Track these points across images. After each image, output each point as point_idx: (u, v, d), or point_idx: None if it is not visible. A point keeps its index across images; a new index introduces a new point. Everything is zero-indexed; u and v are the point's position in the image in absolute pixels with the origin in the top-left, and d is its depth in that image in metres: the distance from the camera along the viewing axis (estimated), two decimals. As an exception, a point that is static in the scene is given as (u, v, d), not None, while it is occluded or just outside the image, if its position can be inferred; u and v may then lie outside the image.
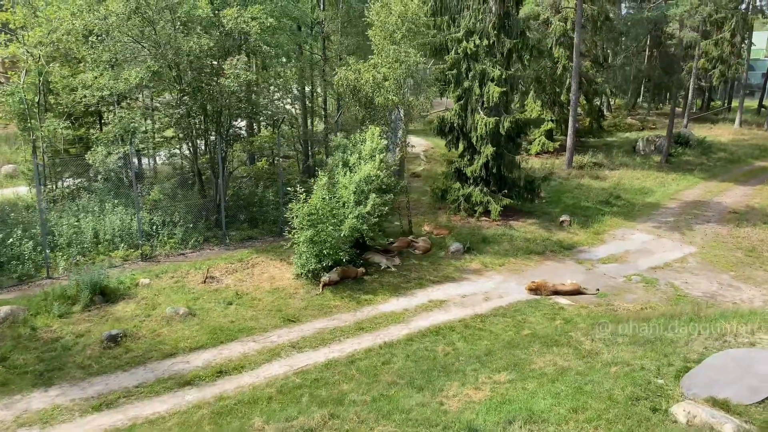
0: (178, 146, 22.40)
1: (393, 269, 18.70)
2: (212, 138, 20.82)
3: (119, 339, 14.32)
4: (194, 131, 20.41)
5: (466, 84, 22.71)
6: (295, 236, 17.01)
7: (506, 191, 23.48)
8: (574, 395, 9.56)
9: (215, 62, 18.37)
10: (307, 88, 27.94)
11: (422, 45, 22.40)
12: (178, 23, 17.94)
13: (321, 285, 17.21)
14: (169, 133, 22.38)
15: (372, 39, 19.04)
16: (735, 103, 53.20)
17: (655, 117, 49.07)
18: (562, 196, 26.71)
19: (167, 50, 17.67)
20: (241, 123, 24.92)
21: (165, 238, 20.29)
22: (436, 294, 17.15)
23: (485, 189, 23.44)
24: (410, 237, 21.04)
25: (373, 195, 17.23)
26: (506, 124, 22.06)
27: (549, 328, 14.72)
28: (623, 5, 41.97)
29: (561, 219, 23.20)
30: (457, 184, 24.00)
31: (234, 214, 22.60)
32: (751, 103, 55.82)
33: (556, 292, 17.18)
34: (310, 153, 27.28)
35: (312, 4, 24.50)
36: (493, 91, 21.58)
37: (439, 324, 15.27)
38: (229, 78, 17.61)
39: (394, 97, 18.49)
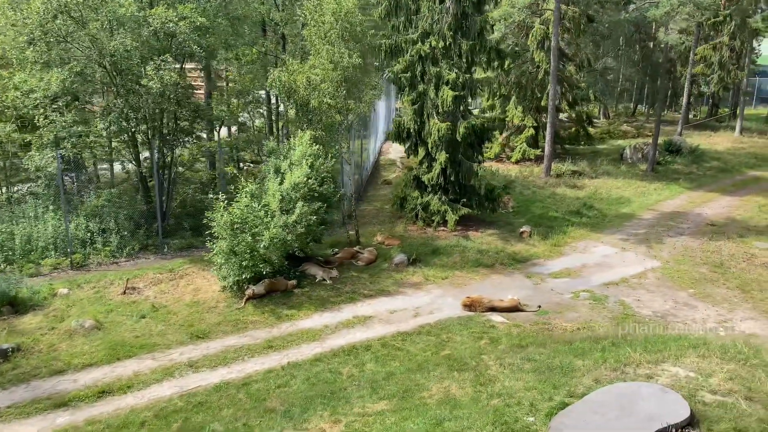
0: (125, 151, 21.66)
1: (328, 282, 17.69)
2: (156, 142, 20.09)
3: (9, 354, 13.53)
4: (131, 135, 19.67)
5: (420, 88, 21.70)
6: (214, 247, 16.11)
7: (465, 200, 22.39)
8: (424, 435, 8.50)
9: (142, 63, 17.58)
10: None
11: (374, 47, 21.58)
12: (106, 22, 17.21)
13: (244, 298, 16.30)
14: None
15: (307, 39, 18.16)
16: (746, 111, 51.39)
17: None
18: (531, 205, 25.48)
19: (92, 51, 16.95)
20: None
21: (100, 246, 19.57)
22: (364, 309, 16.11)
23: (443, 198, 22.35)
24: (356, 247, 20.04)
25: (301, 203, 16.25)
26: (461, 130, 20.97)
27: (470, 349, 13.60)
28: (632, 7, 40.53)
29: (521, 230, 22.00)
30: (416, 193, 22.94)
31: (179, 222, 21.84)
32: (764, 110, 53.80)
33: (492, 309, 16.04)
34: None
35: (269, 5, 23.66)
36: (447, 95, 20.52)
37: (355, 342, 14.24)
38: (152, 80, 16.80)
39: (329, 101, 17.53)
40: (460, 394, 10.40)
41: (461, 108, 22.03)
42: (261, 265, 15.80)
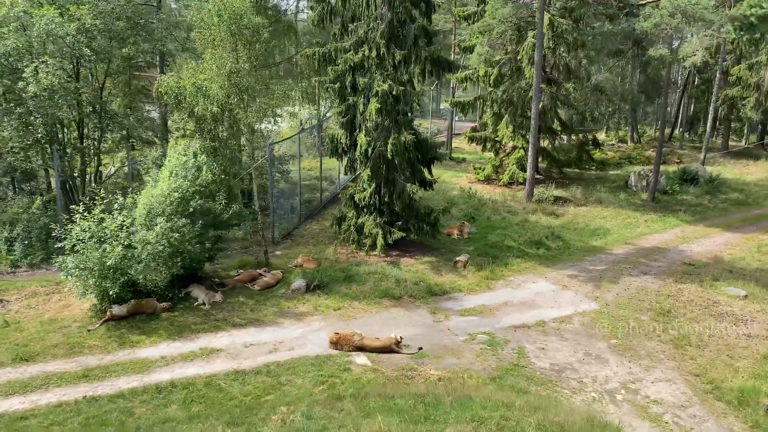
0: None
1: (206, 306, 16.18)
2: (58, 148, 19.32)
3: None
4: (41, 141, 18.98)
5: (350, 100, 20.03)
6: (61, 262, 14.91)
7: (401, 224, 20.46)
8: None
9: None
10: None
11: (307, 56, 20.19)
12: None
13: (102, 320, 15.05)
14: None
15: (198, 42, 16.91)
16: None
17: (687, 150, 43.67)
18: (491, 232, 23.15)
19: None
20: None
21: (3, 254, 18.95)
22: (220, 341, 14.47)
23: (378, 220, 20.48)
24: (261, 270, 18.49)
25: (162, 219, 14.85)
26: (389, 147, 19.10)
27: (299, 396, 11.77)
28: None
29: (456, 259, 19.81)
30: (352, 213, 21.18)
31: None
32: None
33: (361, 348, 14.06)
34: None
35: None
36: (373, 107, 18.74)
37: (177, 379, 12.64)
38: (31, 83, 15.96)
39: (216, 108, 16.16)
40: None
41: (398, 122, 20.10)
42: (108, 285, 14.47)
